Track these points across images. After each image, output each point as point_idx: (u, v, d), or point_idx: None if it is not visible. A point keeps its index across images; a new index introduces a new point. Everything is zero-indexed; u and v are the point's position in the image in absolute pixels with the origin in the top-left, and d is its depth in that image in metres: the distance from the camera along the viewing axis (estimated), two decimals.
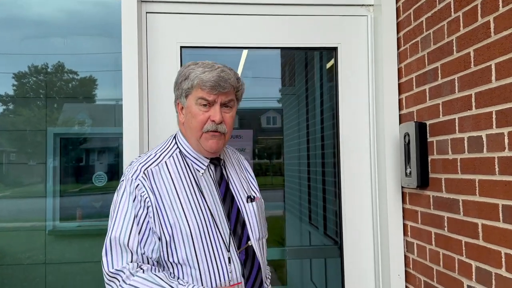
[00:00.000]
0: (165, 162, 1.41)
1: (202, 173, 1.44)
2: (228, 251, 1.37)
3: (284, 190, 3.30)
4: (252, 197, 1.51)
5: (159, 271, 1.31)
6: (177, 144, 1.47)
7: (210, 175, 1.46)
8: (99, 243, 2.94)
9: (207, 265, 1.34)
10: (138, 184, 1.34)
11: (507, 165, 1.35)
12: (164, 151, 1.45)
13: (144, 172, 1.36)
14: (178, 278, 1.34)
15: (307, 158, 3.55)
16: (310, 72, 3.46)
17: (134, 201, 1.33)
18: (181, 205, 1.36)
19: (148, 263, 1.32)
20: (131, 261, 1.28)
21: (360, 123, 2.19)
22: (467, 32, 1.55)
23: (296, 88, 3.77)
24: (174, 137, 1.50)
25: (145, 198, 1.33)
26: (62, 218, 2.75)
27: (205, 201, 1.39)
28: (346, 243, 2.18)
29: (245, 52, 2.58)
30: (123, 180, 1.38)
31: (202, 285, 1.33)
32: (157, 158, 1.42)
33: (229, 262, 1.36)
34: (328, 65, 3.07)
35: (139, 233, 1.30)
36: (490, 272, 1.43)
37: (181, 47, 2.13)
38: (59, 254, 2.71)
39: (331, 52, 2.29)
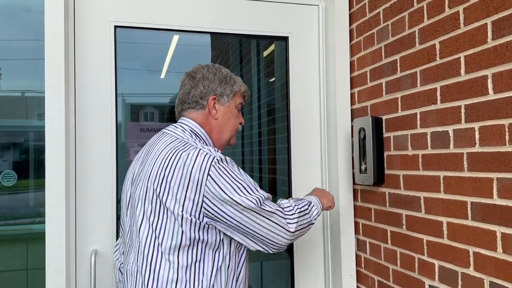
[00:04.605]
0: None
1: None
2: None
3: None
4: None
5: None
6: (204, 142, 1.47)
7: None
8: (8, 250, 2.61)
9: None
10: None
11: (477, 161, 1.31)
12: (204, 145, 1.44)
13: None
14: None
15: (242, 155, 3.42)
16: (246, 66, 3.32)
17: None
18: None
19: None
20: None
21: (311, 118, 2.09)
22: (432, 23, 1.49)
23: None
24: (195, 134, 1.45)
25: None
26: None
27: None
28: (296, 242, 2.07)
29: (175, 38, 2.36)
30: (210, 156, 1.30)
31: None
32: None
33: None
34: (266, 53, 2.94)
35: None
36: (456, 271, 1.39)
37: (116, 26, 1.87)
38: None
39: (271, 42, 2.17)
